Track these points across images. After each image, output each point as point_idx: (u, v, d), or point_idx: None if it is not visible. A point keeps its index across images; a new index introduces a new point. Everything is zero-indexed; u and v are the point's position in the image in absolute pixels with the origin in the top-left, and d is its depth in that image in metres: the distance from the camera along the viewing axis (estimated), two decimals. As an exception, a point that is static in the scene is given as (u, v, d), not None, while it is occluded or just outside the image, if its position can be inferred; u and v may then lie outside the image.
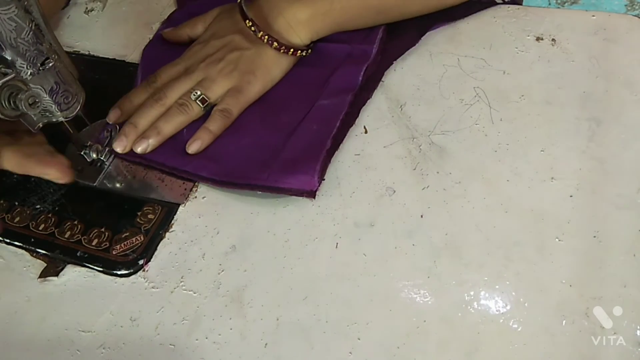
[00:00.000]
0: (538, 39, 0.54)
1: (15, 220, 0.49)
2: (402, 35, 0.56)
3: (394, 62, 0.54)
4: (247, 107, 0.52)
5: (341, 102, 0.50)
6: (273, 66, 0.53)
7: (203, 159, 0.49)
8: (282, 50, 0.52)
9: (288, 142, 0.49)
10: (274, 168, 0.47)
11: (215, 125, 0.51)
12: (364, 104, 0.52)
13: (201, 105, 0.51)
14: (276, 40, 0.52)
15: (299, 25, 0.52)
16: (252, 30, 0.52)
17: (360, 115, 0.51)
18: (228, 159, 0.49)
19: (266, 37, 0.52)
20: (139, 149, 0.50)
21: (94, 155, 0.51)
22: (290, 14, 0.52)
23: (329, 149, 0.48)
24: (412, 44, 0.55)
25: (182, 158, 0.50)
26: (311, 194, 0.46)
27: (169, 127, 0.51)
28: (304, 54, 0.54)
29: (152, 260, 0.46)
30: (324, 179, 0.46)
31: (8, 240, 0.48)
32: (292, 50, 0.53)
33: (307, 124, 0.50)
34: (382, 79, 0.53)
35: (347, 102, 0.50)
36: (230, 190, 0.48)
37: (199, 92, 0.51)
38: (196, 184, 0.50)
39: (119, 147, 0.50)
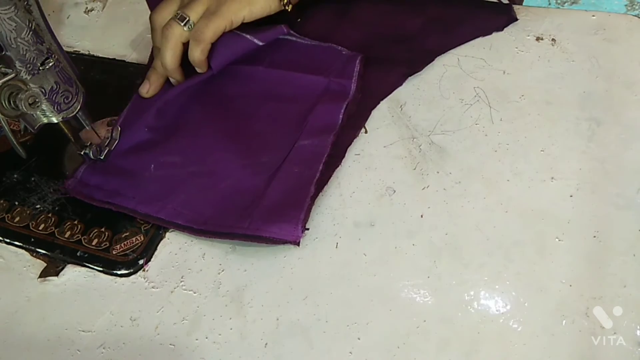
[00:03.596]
0: (538, 39, 0.54)
1: (15, 220, 0.49)
2: (388, 72, 0.53)
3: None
4: (221, 131, 0.51)
5: (323, 144, 0.48)
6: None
7: (178, 205, 0.47)
8: None
9: (269, 187, 0.46)
10: (255, 216, 0.45)
11: (191, 51, 0.50)
12: (350, 143, 0.50)
13: (180, 23, 0.50)
14: None
15: None
16: None
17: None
18: (205, 206, 0.47)
19: None
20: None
21: (94, 156, 0.51)
22: None
23: (313, 195, 0.45)
24: (400, 83, 0.53)
25: (154, 204, 0.47)
26: (294, 243, 0.44)
27: (166, 57, 0.51)
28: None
29: (152, 260, 0.46)
30: (307, 228, 0.44)
31: (8, 240, 0.48)
32: None
33: (288, 167, 0.47)
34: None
35: (329, 143, 0.48)
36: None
37: (179, 12, 0.50)
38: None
39: (143, 90, 0.53)
